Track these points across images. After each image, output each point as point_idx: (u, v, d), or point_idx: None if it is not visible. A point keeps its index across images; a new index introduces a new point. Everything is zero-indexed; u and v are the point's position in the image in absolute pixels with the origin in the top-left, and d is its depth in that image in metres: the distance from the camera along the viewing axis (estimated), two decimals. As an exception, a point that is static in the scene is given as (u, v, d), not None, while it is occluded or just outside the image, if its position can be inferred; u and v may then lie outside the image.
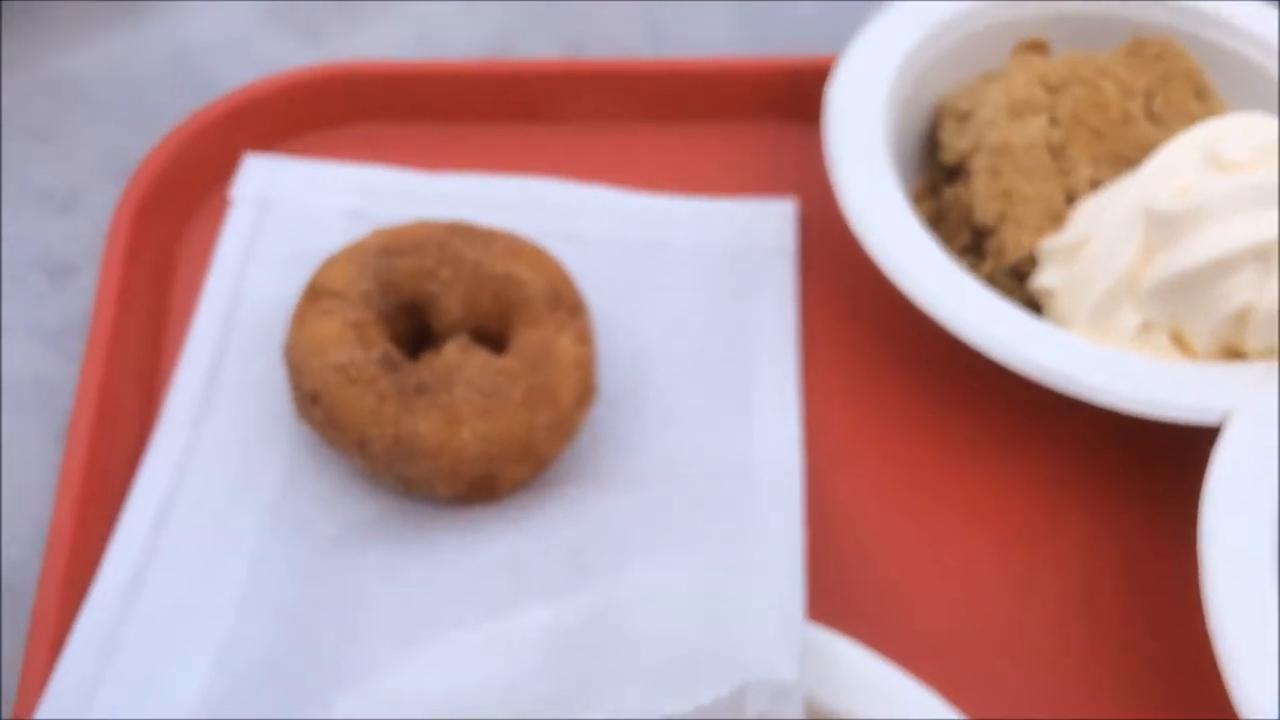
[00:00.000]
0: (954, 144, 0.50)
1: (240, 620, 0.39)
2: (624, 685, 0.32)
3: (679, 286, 0.50)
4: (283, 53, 0.59)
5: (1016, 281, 0.46)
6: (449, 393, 0.42)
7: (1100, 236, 0.43)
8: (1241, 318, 0.41)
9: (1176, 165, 0.42)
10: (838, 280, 0.50)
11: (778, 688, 0.32)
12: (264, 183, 0.52)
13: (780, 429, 0.45)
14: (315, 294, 0.44)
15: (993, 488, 0.45)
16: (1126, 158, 0.46)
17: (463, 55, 0.59)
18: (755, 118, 0.56)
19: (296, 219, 0.51)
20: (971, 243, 0.48)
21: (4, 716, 0.39)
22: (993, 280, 0.46)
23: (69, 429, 0.44)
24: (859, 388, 0.47)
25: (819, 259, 0.51)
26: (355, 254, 0.46)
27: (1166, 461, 0.43)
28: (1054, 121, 0.47)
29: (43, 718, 0.37)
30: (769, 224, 0.51)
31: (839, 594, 0.41)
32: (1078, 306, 0.43)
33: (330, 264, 0.45)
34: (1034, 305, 0.46)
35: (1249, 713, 0.34)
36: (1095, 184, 0.46)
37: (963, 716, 0.35)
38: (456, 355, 0.43)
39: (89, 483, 0.42)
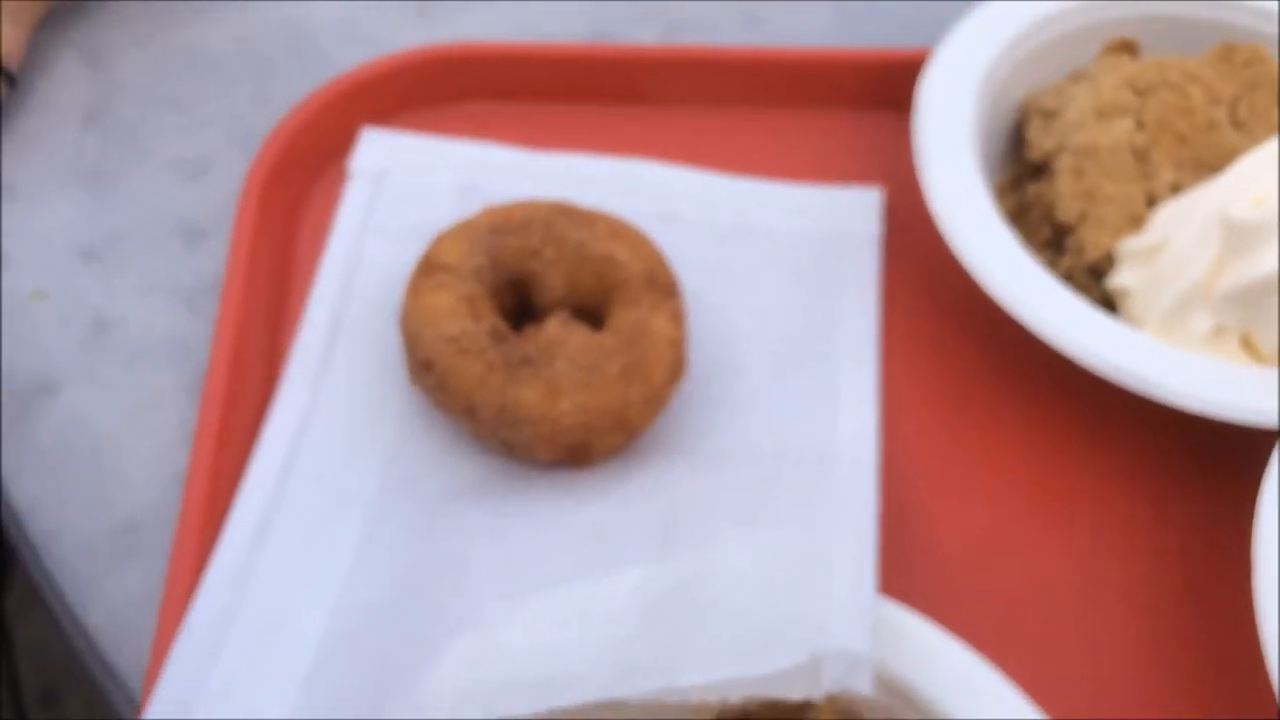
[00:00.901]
0: (1040, 142, 0.51)
1: (356, 569, 0.43)
2: (709, 652, 0.35)
3: (767, 269, 0.52)
4: (392, 32, 0.62)
5: (1093, 279, 0.48)
6: (551, 366, 0.45)
7: (1178, 241, 0.45)
8: (1311, 324, 0.43)
9: (1255, 176, 0.43)
10: (920, 270, 0.52)
11: (851, 659, 0.35)
12: (380, 156, 0.55)
13: (859, 416, 0.47)
14: (429, 268, 0.48)
15: (1063, 480, 0.47)
16: (1209, 164, 0.48)
17: (563, 39, 0.62)
18: (847, 107, 0.58)
19: (410, 192, 0.54)
20: (1051, 239, 0.50)
21: (147, 644, 0.43)
22: (1070, 277, 0.48)
23: (206, 382, 0.47)
24: (937, 378, 0.49)
25: (903, 248, 0.53)
26: (466, 231, 0.49)
27: (1232, 462, 0.45)
28: (1140, 125, 0.49)
29: (182, 646, 0.41)
30: (856, 211, 0.53)
31: (909, 574, 0.43)
32: (1152, 307, 0.45)
33: (443, 239, 0.48)
34: (1109, 303, 0.47)
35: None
36: (1177, 188, 0.47)
37: (1022, 693, 0.37)
38: (558, 330, 0.46)
39: (222, 433, 0.46)
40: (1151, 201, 0.47)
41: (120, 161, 0.57)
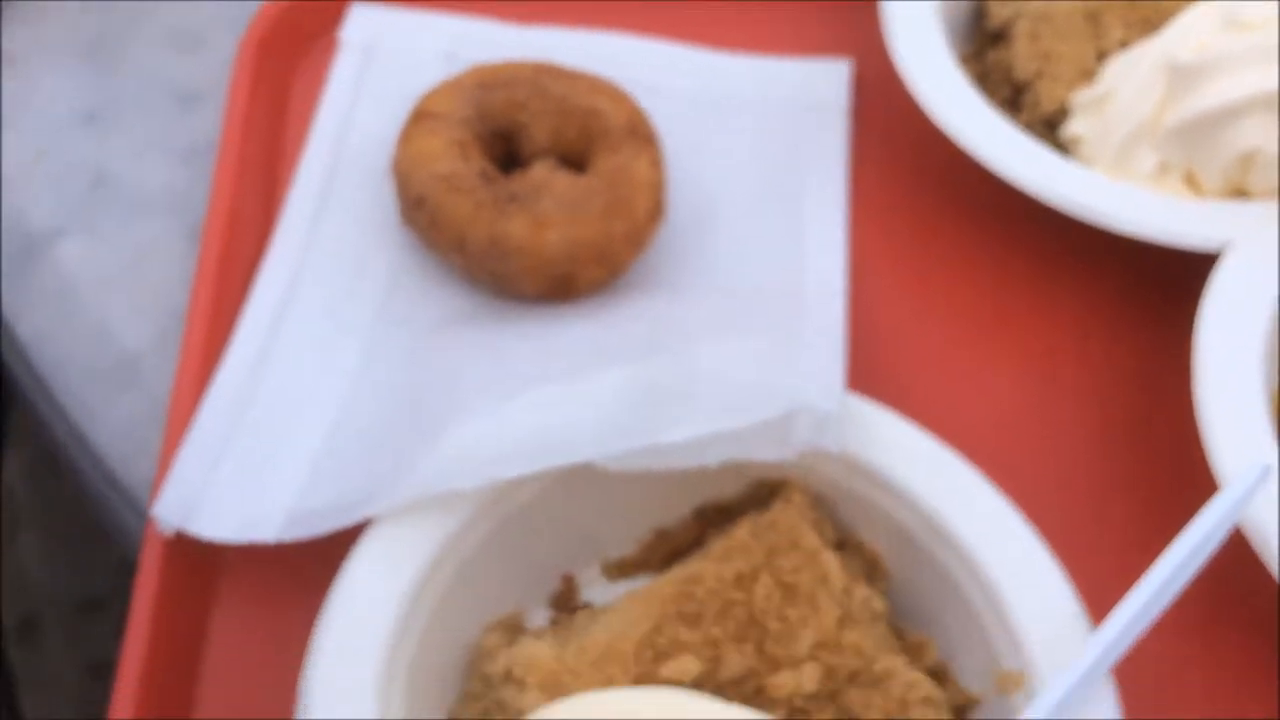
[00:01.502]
0: (998, 11, 0.54)
1: (355, 384, 0.45)
2: (690, 414, 0.38)
3: (741, 132, 0.54)
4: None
5: (1049, 131, 0.51)
6: (538, 203, 0.47)
7: (1126, 88, 0.48)
8: (1248, 160, 0.46)
9: (1197, 26, 0.46)
10: (883, 132, 0.55)
11: (821, 416, 0.37)
12: (370, 28, 0.57)
13: (829, 255, 0.50)
14: (420, 116, 0.50)
15: (1021, 307, 0.50)
16: (1155, 23, 0.50)
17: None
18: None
19: (399, 61, 0.56)
20: (1010, 97, 0.53)
21: (151, 462, 0.45)
22: (1029, 129, 0.51)
23: (204, 226, 0.49)
24: (902, 225, 0.52)
25: (868, 114, 0.56)
26: (455, 86, 0.51)
27: (1177, 287, 0.47)
28: (1092, -10, 0.52)
29: (186, 455, 0.42)
30: (826, 80, 0.56)
31: (874, 390, 0.45)
32: (1102, 150, 0.48)
33: (433, 93, 0.51)
34: (1064, 152, 0.50)
35: (1225, 480, 0.39)
36: (1125, 44, 0.50)
37: (986, 478, 0.40)
38: (544, 174, 0.48)
39: (222, 269, 0.48)
40: (1102, 58, 0.50)
41: (117, 35, 0.59)
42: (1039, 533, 0.39)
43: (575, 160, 0.50)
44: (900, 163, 0.54)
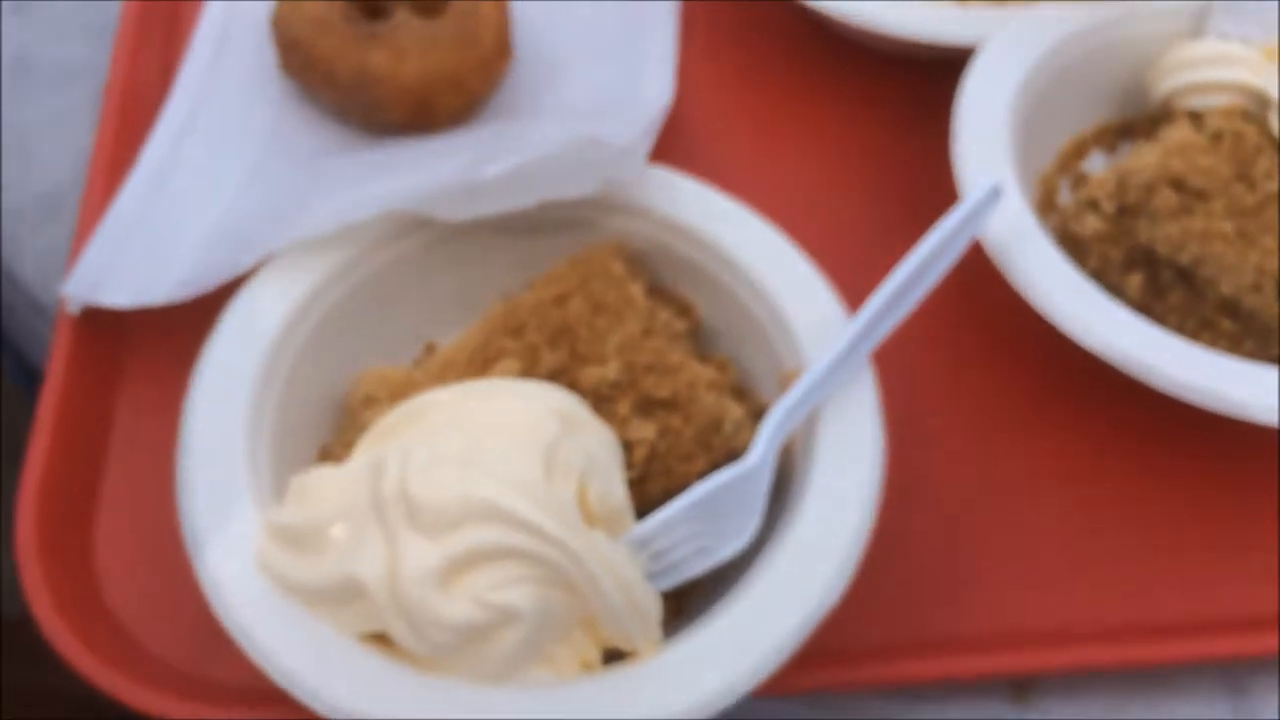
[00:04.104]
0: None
1: (239, 192, 0.50)
2: (507, 157, 0.43)
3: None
4: None
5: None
6: (396, 37, 0.53)
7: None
8: (998, -35, 0.51)
9: None
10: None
11: (617, 149, 0.43)
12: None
13: (659, 79, 0.55)
14: (294, -24, 0.55)
15: (816, 108, 0.56)
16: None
17: None
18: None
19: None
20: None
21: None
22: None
23: (107, 84, 0.54)
24: (731, 59, 0.58)
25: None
26: (326, -50, 0.56)
27: (951, 83, 0.53)
28: None
29: (96, 245, 0.47)
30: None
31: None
32: (880, -26, 0.54)
33: (306, -42, 0.56)
34: None
35: (967, 190, 0.44)
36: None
37: (770, 223, 0.45)
38: (402, 15, 0.54)
39: (123, 112, 0.53)
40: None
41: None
42: (816, 263, 0.45)
43: (432, 12, 0.56)
44: (723, 7, 0.60)
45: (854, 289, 0.44)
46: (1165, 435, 0.47)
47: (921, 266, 0.42)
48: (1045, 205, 0.51)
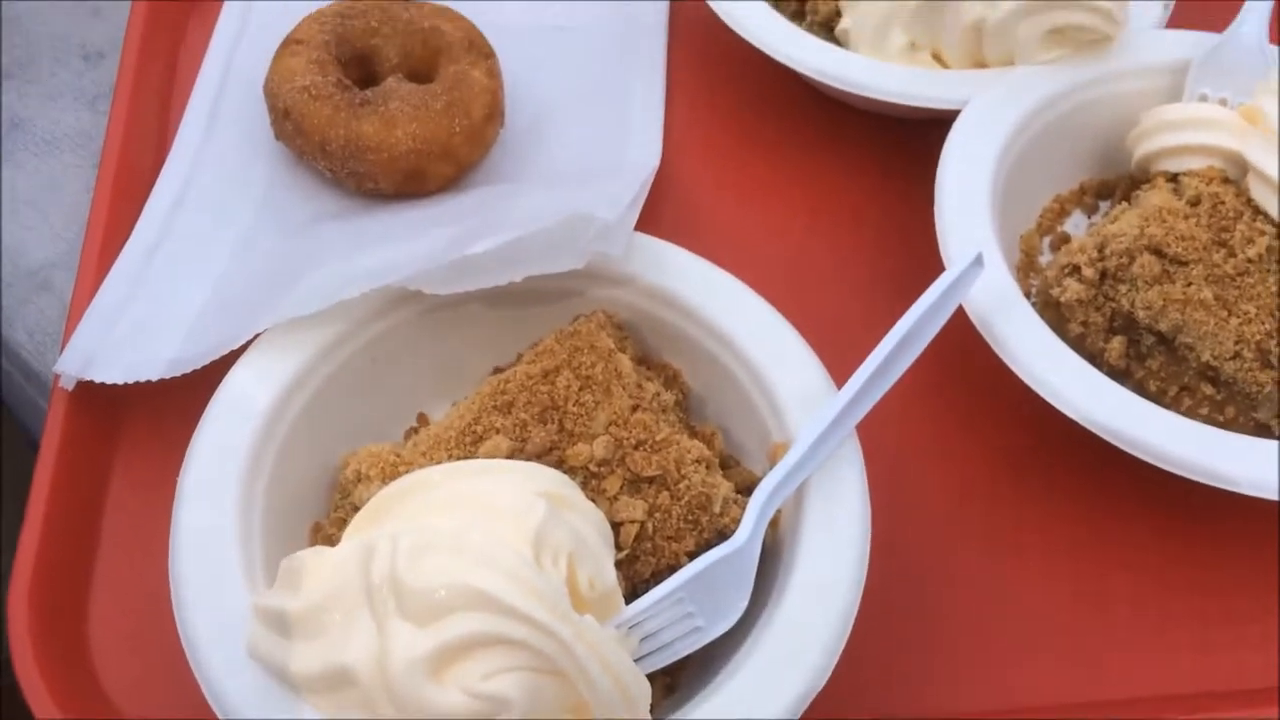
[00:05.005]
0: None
1: (231, 265, 0.50)
2: (495, 234, 0.43)
3: (572, 53, 0.60)
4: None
5: (828, 32, 0.57)
6: (387, 105, 0.53)
7: (879, -19, 0.53)
8: (977, 30, 0.51)
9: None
10: (697, 44, 0.61)
11: (603, 224, 0.43)
12: (250, -10, 0.62)
13: (648, 140, 0.55)
14: (286, 43, 0.55)
15: (801, 168, 0.56)
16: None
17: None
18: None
19: (274, 10, 0.61)
20: (797, 10, 0.58)
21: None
22: (811, 32, 0.56)
23: (102, 151, 0.54)
24: (711, 114, 0.59)
25: (682, 31, 0.62)
26: (317, 16, 0.56)
27: (937, 147, 0.52)
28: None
29: (89, 322, 0.47)
30: (646, 9, 0.62)
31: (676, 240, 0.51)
32: (863, 36, 0.54)
33: (299, 24, 0.56)
34: (838, 45, 0.56)
35: (950, 263, 0.44)
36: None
37: (754, 292, 0.45)
38: (393, 84, 0.54)
39: (118, 185, 0.53)
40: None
41: (28, 5, 0.64)
42: (804, 334, 0.45)
43: (423, 76, 0.56)
44: (710, 71, 0.60)
45: (837, 349, 0.44)
46: (1150, 501, 0.47)
47: (906, 338, 0.42)
48: (1026, 266, 0.51)
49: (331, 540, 0.43)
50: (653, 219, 0.50)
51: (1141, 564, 0.46)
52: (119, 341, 0.46)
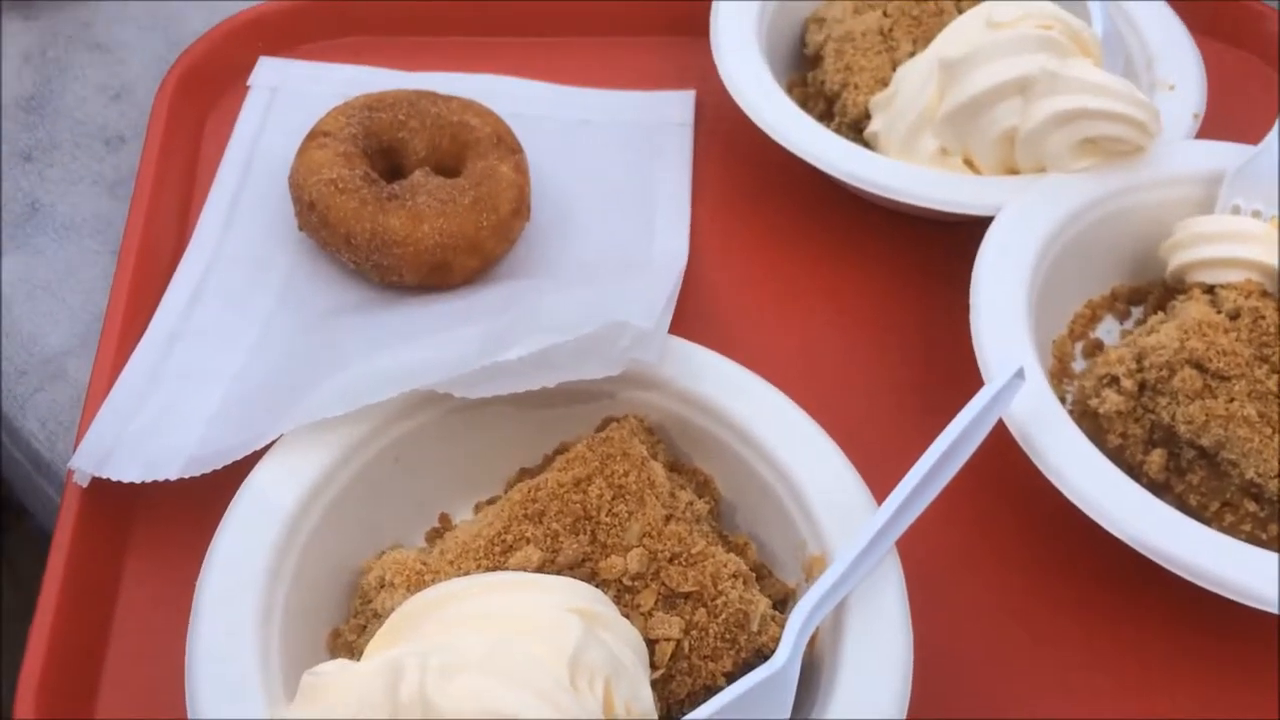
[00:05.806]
0: (813, 39, 0.60)
1: (250, 359, 0.49)
2: (527, 339, 0.42)
3: (600, 149, 0.60)
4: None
5: (856, 133, 0.56)
6: (414, 199, 0.52)
7: (907, 86, 0.53)
8: (1008, 139, 0.51)
9: (963, 27, 0.53)
10: (723, 143, 0.61)
11: (640, 333, 0.42)
12: (275, 75, 0.62)
13: (674, 238, 0.55)
14: (313, 135, 0.54)
15: (828, 267, 0.56)
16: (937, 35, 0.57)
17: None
18: (664, 34, 0.66)
19: (299, 102, 0.61)
20: (826, 110, 0.58)
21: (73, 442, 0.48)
22: (839, 132, 0.56)
23: (123, 238, 0.53)
24: (737, 216, 0.58)
25: (710, 130, 0.61)
26: (344, 108, 0.56)
27: (965, 247, 0.52)
28: (885, 14, 0.58)
29: (105, 416, 0.46)
30: (673, 106, 0.62)
31: (704, 341, 0.50)
32: (893, 140, 0.53)
33: (325, 116, 0.55)
34: (867, 147, 0.56)
35: (990, 377, 0.43)
36: (913, 55, 0.56)
37: (789, 399, 0.44)
38: (420, 177, 0.53)
39: (135, 278, 0.52)
40: (895, 68, 0.56)
41: (51, 89, 0.63)
42: (835, 441, 0.43)
43: (450, 170, 0.55)
44: (736, 168, 0.60)
45: (866, 453, 0.43)
46: (1188, 618, 0.45)
47: (947, 452, 0.41)
48: (1060, 372, 0.51)
49: (351, 647, 0.41)
50: (675, 315, 0.49)
51: (1177, 681, 0.44)
52: (135, 437, 0.45)
